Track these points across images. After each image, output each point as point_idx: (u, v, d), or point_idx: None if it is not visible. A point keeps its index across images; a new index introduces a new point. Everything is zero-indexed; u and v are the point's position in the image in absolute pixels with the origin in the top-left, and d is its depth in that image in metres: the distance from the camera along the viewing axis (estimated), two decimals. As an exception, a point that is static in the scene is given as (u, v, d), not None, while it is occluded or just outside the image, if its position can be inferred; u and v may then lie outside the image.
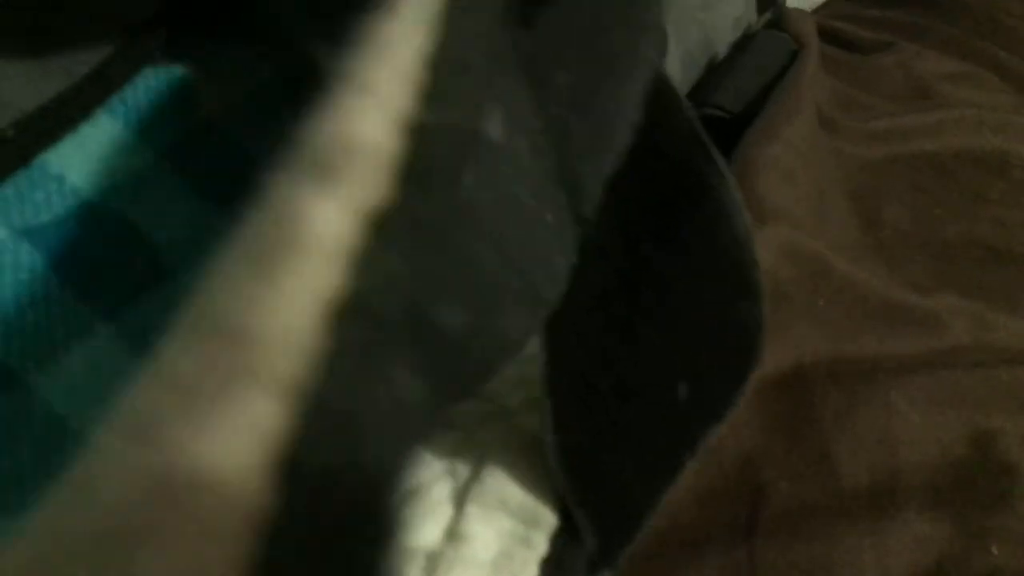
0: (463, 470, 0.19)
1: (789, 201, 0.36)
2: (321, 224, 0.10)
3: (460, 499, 0.19)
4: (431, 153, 0.11)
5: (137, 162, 0.19)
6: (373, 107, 0.11)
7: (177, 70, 0.20)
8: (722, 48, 0.39)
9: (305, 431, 0.09)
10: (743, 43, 0.41)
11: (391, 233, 0.10)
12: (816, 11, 0.54)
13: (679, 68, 0.35)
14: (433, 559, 0.18)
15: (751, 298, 0.17)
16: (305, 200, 0.10)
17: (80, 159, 0.18)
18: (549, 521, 0.19)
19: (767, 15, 0.43)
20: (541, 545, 0.18)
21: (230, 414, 0.09)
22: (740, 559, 0.26)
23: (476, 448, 0.19)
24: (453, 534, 0.18)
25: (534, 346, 0.18)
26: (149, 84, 0.19)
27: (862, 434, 0.29)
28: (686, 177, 0.18)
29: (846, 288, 0.34)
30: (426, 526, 0.18)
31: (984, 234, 0.38)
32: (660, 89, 0.16)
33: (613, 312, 0.18)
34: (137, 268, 0.18)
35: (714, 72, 0.39)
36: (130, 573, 0.08)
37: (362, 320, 0.09)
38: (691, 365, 0.18)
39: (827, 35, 0.49)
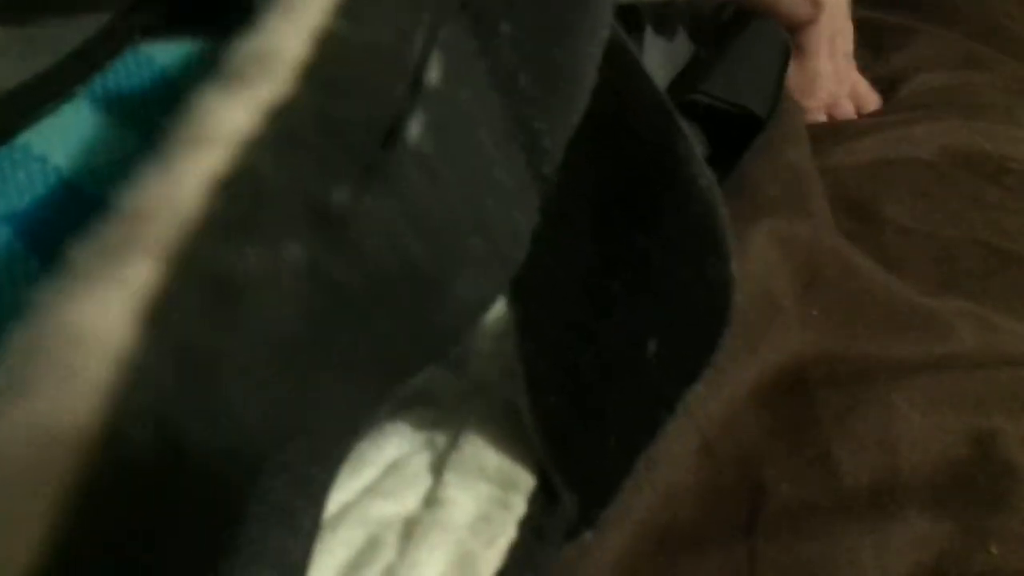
0: (441, 441, 0.19)
1: (788, 207, 0.36)
2: (221, 118, 0.10)
3: (439, 468, 0.19)
4: (347, 62, 0.11)
5: (120, 148, 0.18)
6: (286, 22, 0.11)
7: (162, 58, 0.20)
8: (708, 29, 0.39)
9: (175, 286, 0.09)
10: (733, 30, 0.40)
11: (289, 122, 0.10)
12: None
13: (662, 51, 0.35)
14: (410, 524, 0.18)
15: (719, 256, 0.18)
16: (209, 101, 0.11)
17: (62, 141, 0.17)
18: (527, 483, 0.19)
19: None
20: (519, 506, 0.18)
21: (102, 278, 0.09)
22: (740, 558, 0.25)
23: (455, 421, 0.19)
24: (431, 500, 0.18)
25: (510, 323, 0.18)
26: (131, 71, 0.19)
27: (862, 435, 0.29)
28: (654, 146, 0.18)
29: (847, 289, 0.34)
30: (406, 495, 0.18)
31: (985, 237, 0.38)
32: (619, 53, 0.16)
33: (594, 286, 0.18)
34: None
35: (703, 59, 0.39)
36: None
37: (247, 192, 0.10)
38: (662, 326, 0.18)
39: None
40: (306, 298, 0.10)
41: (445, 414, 0.19)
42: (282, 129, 0.10)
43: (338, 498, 0.18)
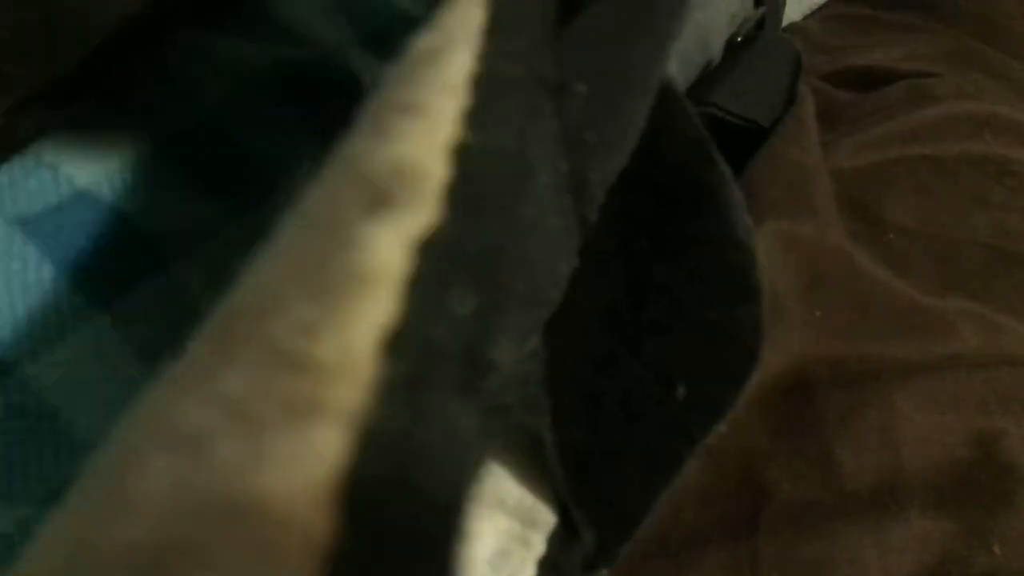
0: None
1: (791, 207, 0.36)
2: (377, 252, 0.10)
3: None
4: (479, 177, 0.11)
5: (132, 153, 0.18)
6: (422, 130, 0.11)
7: (175, 62, 0.20)
8: (717, 44, 0.39)
9: (363, 460, 0.09)
10: (745, 43, 0.41)
11: (446, 263, 0.10)
12: (814, 12, 0.54)
13: (676, 67, 0.35)
14: None
15: (751, 301, 0.17)
16: (361, 227, 0.10)
17: (73, 148, 0.18)
18: (547, 521, 0.19)
19: (762, 9, 0.43)
20: (539, 545, 0.18)
21: (290, 443, 0.09)
22: (742, 557, 0.25)
23: None
24: None
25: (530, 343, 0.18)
26: (145, 77, 0.19)
27: (865, 435, 0.29)
28: (687, 181, 0.17)
29: (850, 290, 0.34)
30: None
31: (988, 238, 0.37)
32: (664, 92, 0.16)
33: (620, 321, 0.18)
34: (131, 259, 0.18)
35: (714, 71, 0.39)
36: None
37: (418, 351, 0.09)
38: (689, 366, 0.17)
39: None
40: (475, 456, 0.10)
41: None
42: (435, 270, 0.10)
43: None
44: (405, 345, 0.09)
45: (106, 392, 0.17)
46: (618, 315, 0.18)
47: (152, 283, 0.18)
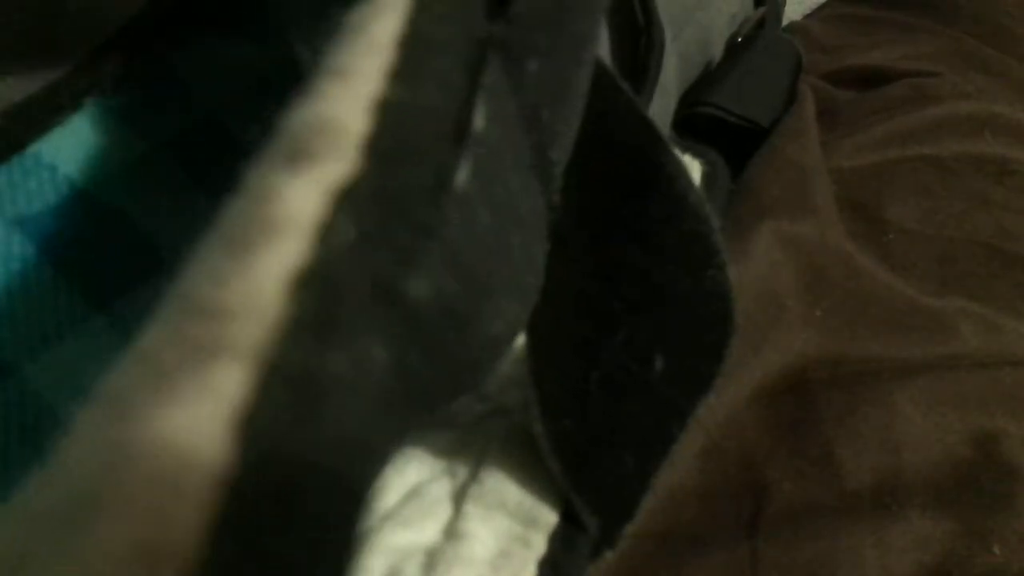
0: (462, 470, 0.19)
1: (791, 206, 0.36)
2: (291, 201, 0.10)
3: (459, 498, 0.19)
4: (400, 129, 0.11)
5: (132, 154, 0.19)
6: (344, 89, 0.11)
7: (175, 63, 0.20)
8: (718, 44, 0.39)
9: (265, 394, 0.09)
10: (745, 43, 0.41)
11: (356, 204, 0.10)
12: (814, 12, 0.55)
13: (676, 67, 0.35)
14: (432, 556, 0.18)
15: (714, 265, 0.18)
16: (277, 180, 0.10)
17: (73, 149, 0.18)
18: (548, 521, 0.19)
19: (762, 9, 0.43)
20: (539, 545, 0.18)
21: (193, 383, 0.09)
22: (742, 557, 0.25)
23: (475, 447, 0.19)
24: (452, 533, 0.18)
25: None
26: (145, 77, 0.19)
27: (865, 435, 0.29)
28: (634, 158, 0.18)
29: (850, 289, 0.34)
30: (425, 524, 0.18)
31: (988, 238, 0.38)
32: (599, 73, 0.17)
33: (592, 306, 0.18)
34: (131, 259, 0.18)
35: (714, 72, 0.39)
36: (93, 537, 0.08)
37: (324, 288, 0.10)
38: (666, 340, 0.18)
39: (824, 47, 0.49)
40: (387, 392, 0.10)
41: (464, 436, 0.19)
42: (351, 214, 0.10)
43: None
44: (313, 284, 0.09)
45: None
46: (589, 300, 0.18)
47: (152, 283, 0.18)
